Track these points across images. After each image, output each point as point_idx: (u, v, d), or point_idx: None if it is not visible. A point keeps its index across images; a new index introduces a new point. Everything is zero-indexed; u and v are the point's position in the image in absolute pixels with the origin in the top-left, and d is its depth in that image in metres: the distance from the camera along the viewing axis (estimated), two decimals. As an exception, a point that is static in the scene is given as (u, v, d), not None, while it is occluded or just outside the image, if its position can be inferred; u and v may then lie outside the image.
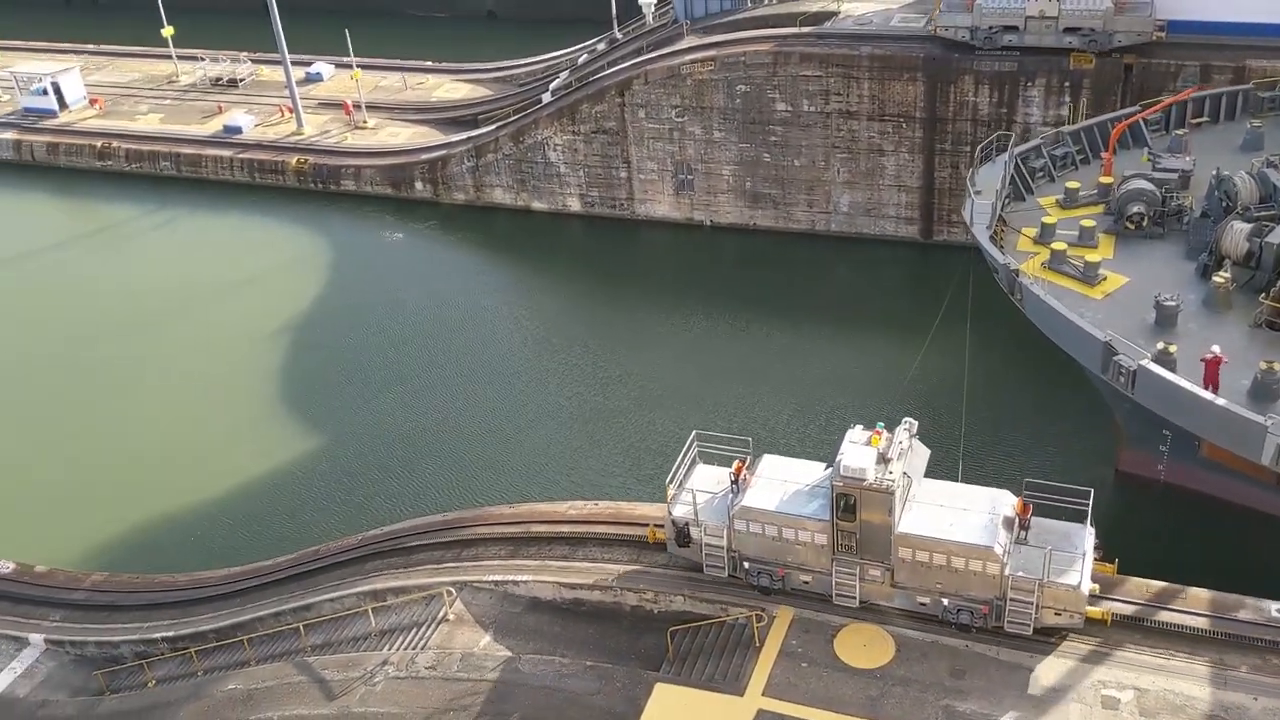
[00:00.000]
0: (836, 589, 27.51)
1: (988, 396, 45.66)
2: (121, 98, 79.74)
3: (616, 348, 52.32)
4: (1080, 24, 52.27)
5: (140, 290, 60.53)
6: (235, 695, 30.27)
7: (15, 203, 72.65)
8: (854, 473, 25.66)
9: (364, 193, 67.93)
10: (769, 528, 27.37)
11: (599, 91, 60.76)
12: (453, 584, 31.32)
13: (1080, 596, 25.45)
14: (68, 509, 44.65)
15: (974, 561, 25.62)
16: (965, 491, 27.22)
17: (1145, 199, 38.78)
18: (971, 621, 26.45)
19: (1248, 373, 31.76)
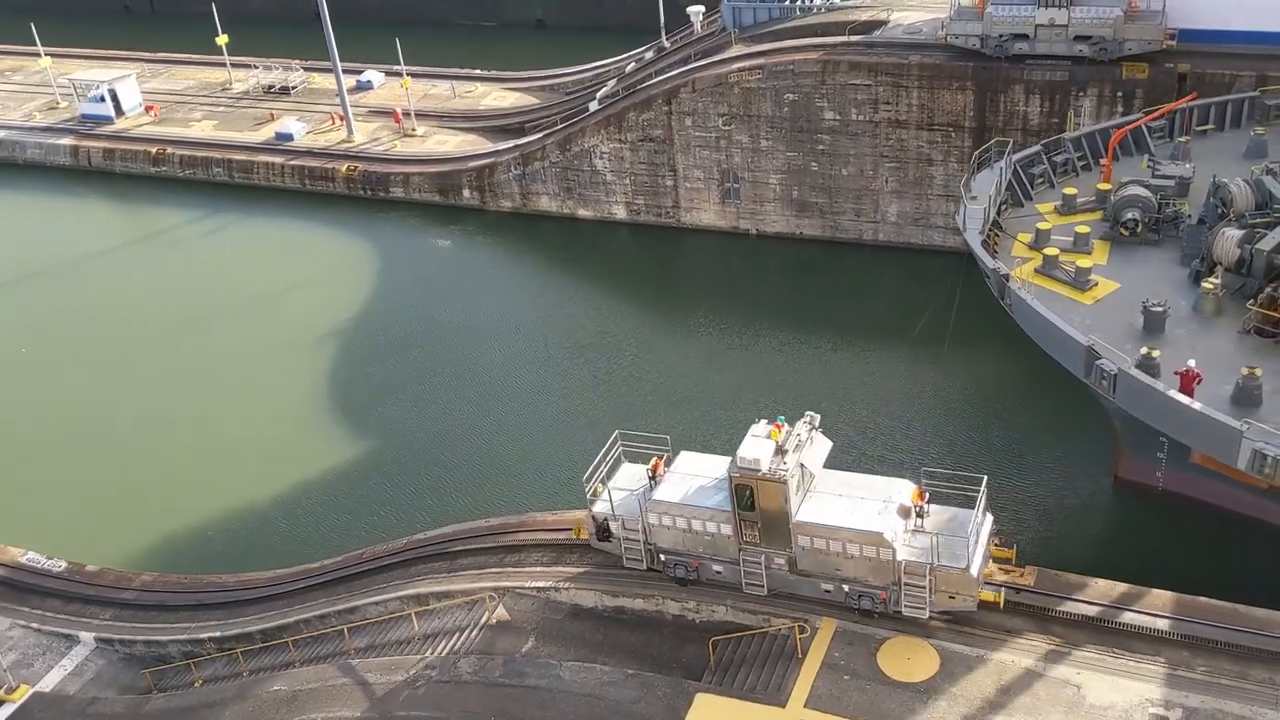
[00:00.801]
0: (745, 578, 28.42)
1: (987, 404, 46.08)
2: (176, 105, 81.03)
3: (663, 356, 52.29)
4: (1090, 32, 51.95)
5: (192, 294, 61.42)
6: (280, 696, 30.53)
7: (72, 207, 73.98)
8: (749, 464, 26.57)
9: (412, 200, 68.49)
10: (679, 520, 28.42)
11: (646, 100, 60.86)
12: (495, 589, 31.42)
13: (970, 579, 26.10)
14: (119, 509, 45.34)
15: (868, 547, 26.54)
16: (865, 481, 28.14)
17: (1140, 205, 38.76)
18: (873, 607, 27.33)
19: (1234, 378, 31.66)
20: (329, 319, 57.43)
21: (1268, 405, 30.80)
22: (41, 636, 37.07)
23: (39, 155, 78.55)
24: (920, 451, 43.09)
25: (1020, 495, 40.79)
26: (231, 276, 62.94)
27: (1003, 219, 41.04)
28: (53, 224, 72.11)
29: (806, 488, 27.43)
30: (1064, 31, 52.23)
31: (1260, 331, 33.43)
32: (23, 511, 45.55)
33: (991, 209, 40.01)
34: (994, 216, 40.26)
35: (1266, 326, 33.41)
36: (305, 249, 65.94)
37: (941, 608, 26.82)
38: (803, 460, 27.13)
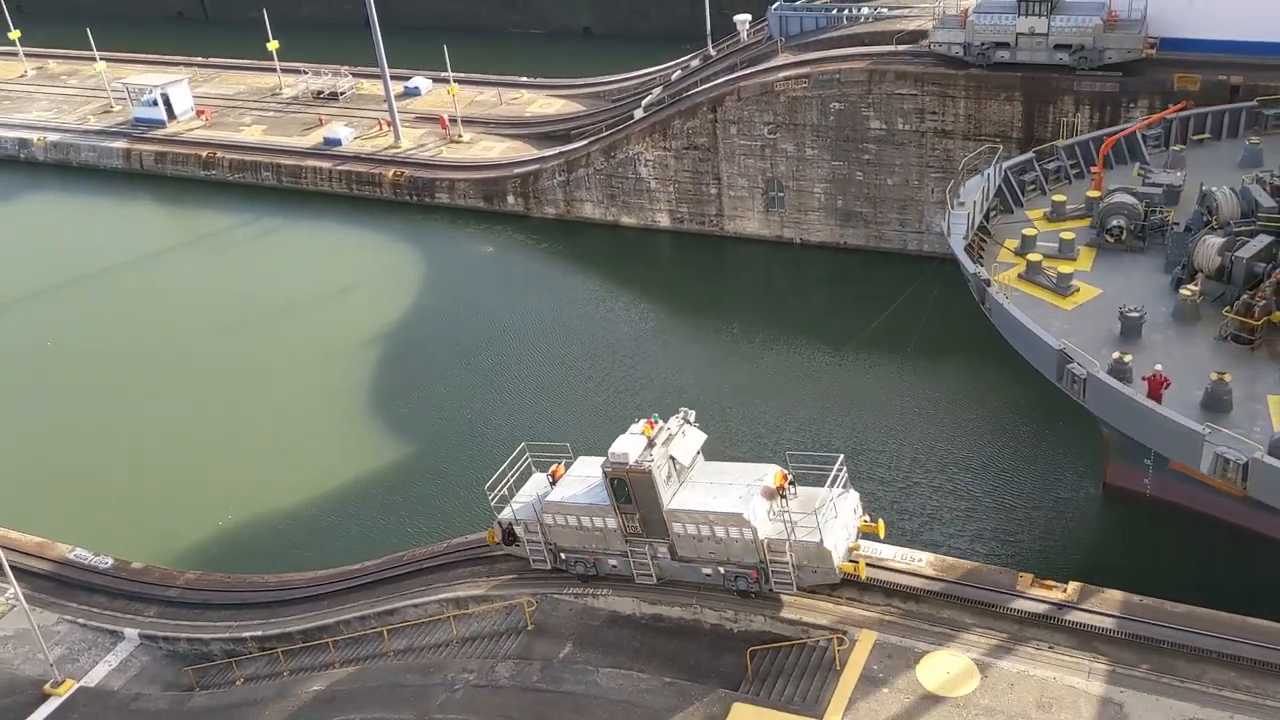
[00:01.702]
0: (635, 569, 30.02)
1: (976, 409, 46.46)
2: (227, 109, 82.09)
3: (703, 364, 52.27)
4: (1070, 40, 52.34)
5: (239, 297, 62.18)
6: (319, 696, 30.77)
7: (124, 209, 75.16)
8: (619, 457, 28.21)
9: (457, 205, 68.91)
10: (571, 518, 30.06)
11: (692, 107, 60.88)
12: (534, 595, 31.48)
13: (825, 551, 27.50)
14: (165, 508, 45.93)
15: (732, 529, 27.97)
16: (737, 469, 29.58)
17: (1126, 212, 39.10)
18: (748, 587, 28.82)
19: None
20: (373, 323, 57.92)
21: (1238, 411, 31.19)
22: (87, 632, 37.61)
23: (93, 158, 79.87)
24: (910, 457, 43.82)
25: (1011, 501, 41.28)
26: (278, 280, 63.66)
27: (992, 225, 41.60)
28: (105, 226, 73.29)
29: (680, 478, 28.94)
30: (1044, 40, 52.69)
31: (1237, 338, 33.81)
32: (72, 509, 46.30)
33: (977, 215, 40.52)
34: (982, 222, 40.88)
35: (1243, 333, 33.70)
36: (351, 253, 66.52)
37: (808, 583, 28.40)
38: (672, 452, 28.62)
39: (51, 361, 57.45)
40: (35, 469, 49.22)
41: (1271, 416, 31.20)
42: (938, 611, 28.26)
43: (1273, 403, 31.70)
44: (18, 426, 52.41)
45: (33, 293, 64.63)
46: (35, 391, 55.04)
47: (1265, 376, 32.73)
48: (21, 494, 47.40)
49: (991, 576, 28.95)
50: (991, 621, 27.74)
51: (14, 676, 35.64)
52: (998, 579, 28.81)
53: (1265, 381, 32.51)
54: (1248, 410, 31.32)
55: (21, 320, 62.06)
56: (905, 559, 29.79)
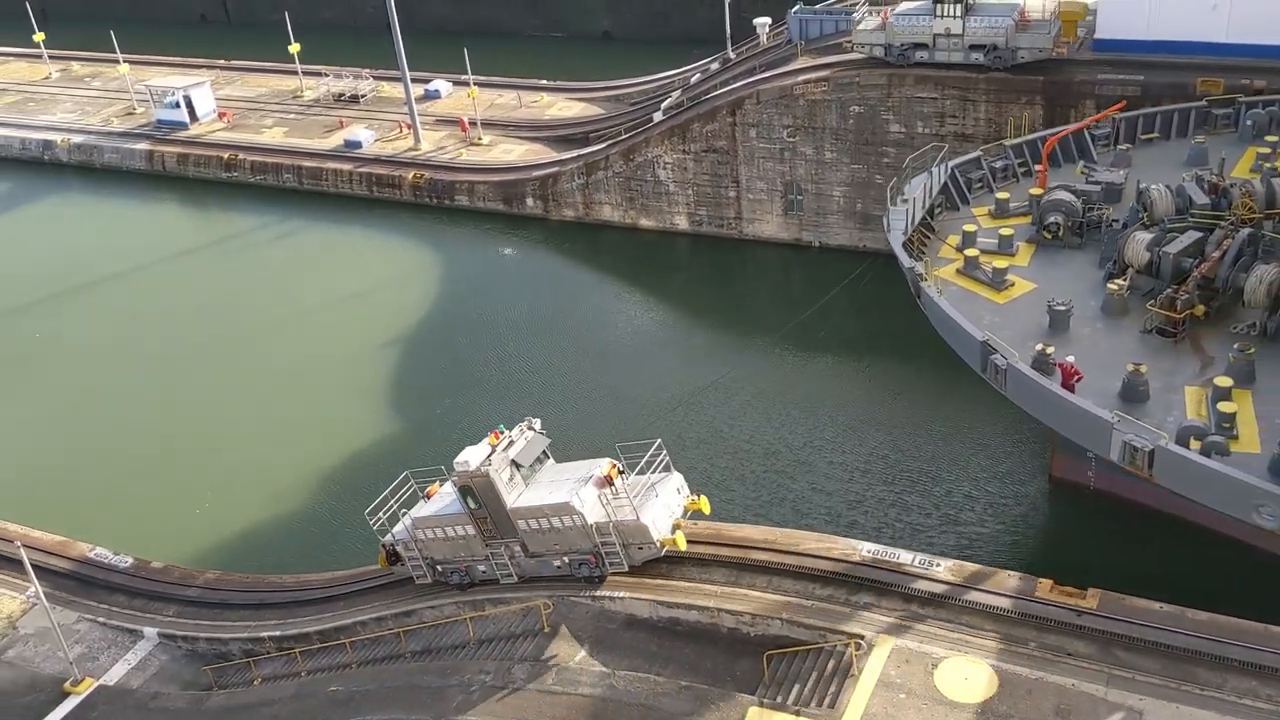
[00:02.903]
0: (498, 570, 32.14)
1: (927, 405, 47.24)
2: (249, 111, 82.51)
3: (723, 367, 52.14)
4: (984, 40, 53.94)
5: (260, 298, 62.52)
6: (336, 697, 30.88)
7: (146, 211, 75.63)
8: (461, 465, 30.48)
9: (476, 208, 69.07)
10: (438, 530, 32.01)
11: (711, 111, 60.87)
12: (550, 597, 31.50)
13: (642, 527, 29.78)
14: (185, 508, 46.18)
15: (565, 518, 30.00)
16: (576, 466, 31.60)
17: (1064, 209, 39.70)
18: (590, 572, 30.84)
19: None
20: (393, 325, 58.13)
21: (1155, 401, 31.72)
22: (107, 631, 37.85)
23: (115, 160, 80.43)
24: (865, 451, 45.08)
25: (959, 493, 42.01)
26: (298, 281, 63.97)
27: (937, 222, 42.49)
28: (127, 227, 73.76)
29: (526, 481, 31.17)
30: (960, 40, 54.28)
31: (1161, 332, 34.37)
32: (93, 508, 46.60)
33: (917, 211, 41.28)
34: (927, 219, 41.77)
35: (1167, 327, 34.20)
36: (371, 255, 66.78)
37: (637, 560, 30.56)
38: (514, 457, 30.86)
39: (74, 361, 57.84)
40: (57, 468, 49.57)
41: (1186, 407, 31.66)
42: (955, 617, 28.16)
43: (1189, 394, 32.17)
44: (40, 425, 52.79)
45: (56, 293, 65.07)
46: (58, 391, 55.44)
47: (1185, 369, 33.29)
48: (44, 493, 47.79)
49: (1010, 582, 28.83)
50: (1009, 627, 27.62)
51: (35, 674, 35.90)
52: (1016, 585, 28.68)
53: (1185, 374, 33.09)
54: (1164, 401, 31.91)
55: (44, 320, 62.50)
56: (923, 564, 29.72)
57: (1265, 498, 27.92)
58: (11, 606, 38.66)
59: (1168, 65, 52.14)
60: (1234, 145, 44.65)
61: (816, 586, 29.81)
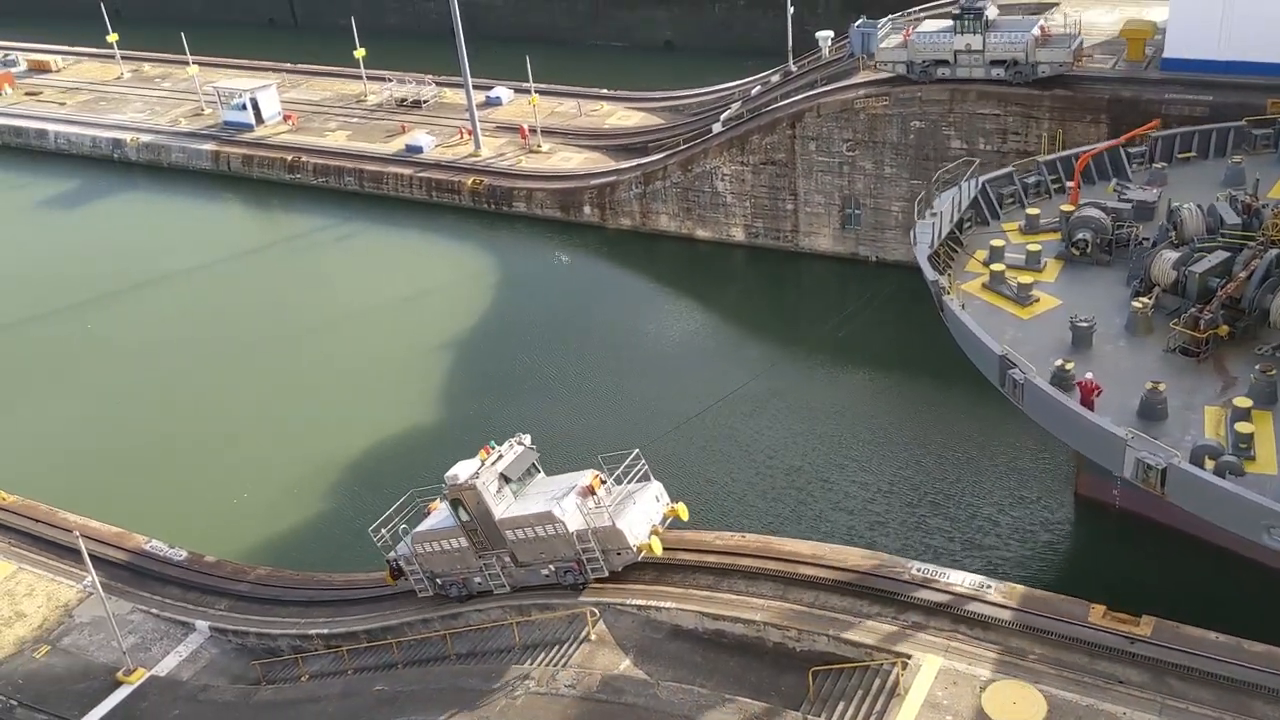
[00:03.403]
0: (490, 580, 33.33)
1: (954, 419, 47.08)
2: (313, 115, 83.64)
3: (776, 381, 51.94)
4: (1004, 55, 53.99)
5: (319, 298, 63.28)
6: (382, 696, 31.12)
7: (210, 210, 76.86)
8: (451, 479, 31.88)
9: (534, 215, 69.44)
10: (435, 544, 33.28)
11: (771, 123, 60.74)
12: (596, 605, 31.53)
13: (619, 533, 30.78)
14: (239, 504, 46.79)
15: (548, 527, 31.17)
16: (563, 478, 32.82)
17: (1093, 226, 39.59)
18: (576, 580, 32.03)
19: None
20: (449, 328, 58.56)
21: (1173, 419, 31.68)
22: (160, 622, 38.45)
23: (183, 159, 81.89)
24: (896, 471, 44.85)
25: (985, 511, 41.66)
26: (357, 283, 64.62)
27: (966, 236, 42.43)
28: (191, 226, 74.96)
29: (516, 494, 32.37)
30: (980, 56, 54.46)
31: (1185, 351, 34.18)
32: (150, 501, 47.38)
33: (944, 225, 41.17)
34: (955, 233, 41.85)
35: (1190, 346, 33.98)
36: (429, 259, 67.38)
37: (617, 565, 31.60)
38: (502, 471, 32.14)
39: (135, 355, 58.89)
40: (118, 460, 50.47)
41: (1205, 426, 31.43)
42: (1005, 640, 27.79)
43: (1209, 413, 31.93)
44: (101, 417, 53.79)
45: (120, 289, 66.31)
46: (118, 384, 56.46)
47: (1207, 388, 33.05)
48: (104, 484, 48.67)
49: (1062, 606, 28.40)
50: (1060, 652, 27.22)
51: (88, 663, 36.56)
52: (1068, 609, 28.26)
53: (1206, 393, 32.85)
54: (1183, 419, 31.82)
55: (112, 315, 63.72)
56: (973, 585, 29.37)
57: (1276, 519, 27.66)
58: (69, 595, 39.45)
59: (1238, 86, 51.21)
60: (1273, 166, 44.15)
61: (864, 603, 29.57)
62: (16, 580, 40.46)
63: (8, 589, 40.02)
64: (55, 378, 57.82)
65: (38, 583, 40.29)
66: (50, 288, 66.99)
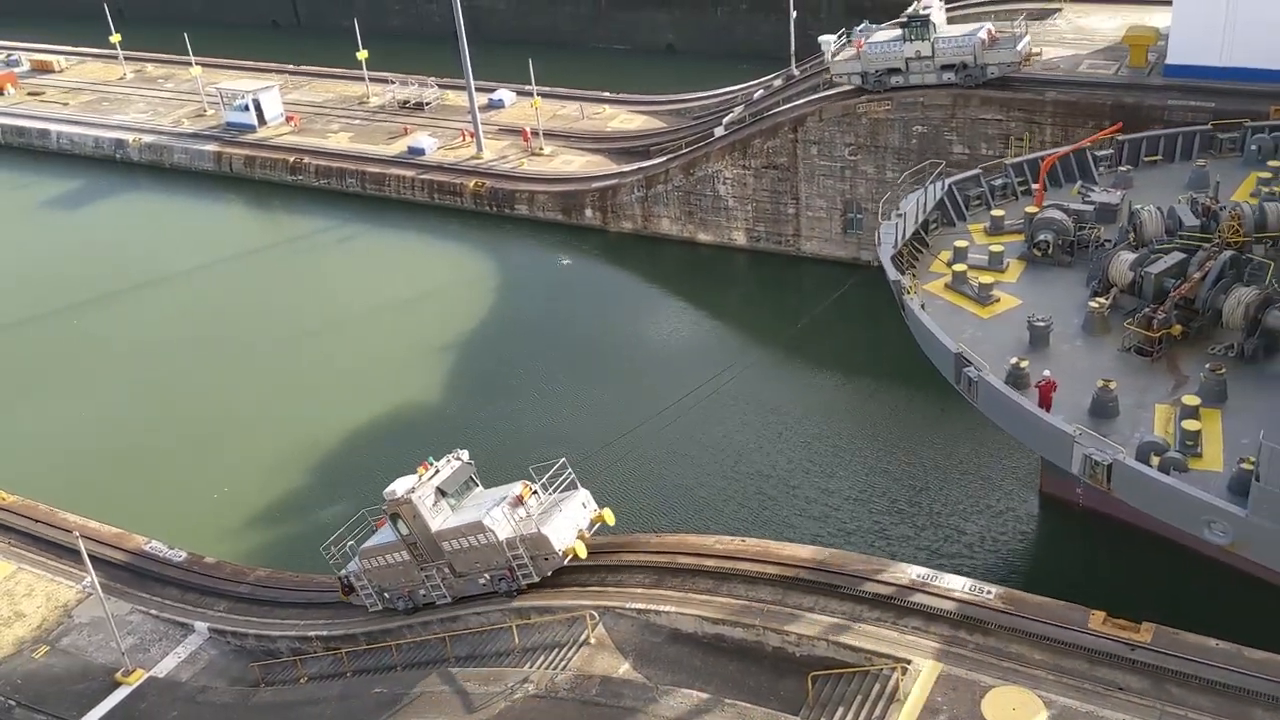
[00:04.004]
0: (433, 592, 34.36)
1: (923, 418, 47.76)
2: (315, 116, 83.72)
3: (774, 386, 51.96)
4: (954, 60, 55.25)
5: (320, 300, 63.31)
6: (381, 699, 31.08)
7: (213, 211, 76.96)
8: (389, 494, 32.90)
9: (536, 217, 69.47)
10: (380, 559, 34.37)
11: (773, 127, 60.77)
12: (596, 608, 31.50)
13: (544, 538, 31.92)
14: (239, 505, 46.77)
15: (479, 536, 32.30)
16: (498, 490, 33.81)
17: (1055, 228, 40.18)
18: (510, 587, 33.04)
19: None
20: (449, 331, 58.57)
21: (1124, 417, 32.18)
22: (159, 623, 38.44)
23: (185, 160, 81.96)
24: (857, 468, 45.86)
25: (952, 510, 42.14)
26: (358, 285, 64.65)
27: (931, 237, 43.14)
28: (192, 226, 75.04)
29: (453, 506, 33.41)
30: (931, 62, 55.54)
31: (1139, 350, 34.72)
32: (150, 502, 47.38)
33: (908, 226, 41.78)
34: (921, 234, 42.54)
35: (1145, 346, 34.54)
36: (431, 261, 67.42)
37: (546, 570, 32.64)
38: (439, 485, 33.19)
39: (140, 356, 58.92)
40: (118, 460, 50.49)
41: (1155, 424, 31.91)
42: (1005, 645, 27.74)
43: (1159, 411, 32.42)
44: (105, 418, 53.80)
45: (124, 289, 66.38)
46: (124, 385, 56.49)
47: (1159, 387, 33.52)
48: (104, 485, 48.68)
49: (1062, 612, 28.33)
50: (1060, 658, 27.15)
51: (87, 663, 36.55)
52: (1069, 615, 28.18)
53: (1158, 392, 33.33)
54: (1134, 417, 32.29)
55: (113, 315, 63.77)
56: (973, 590, 29.32)
57: (1215, 514, 28.36)
58: (68, 595, 39.44)
59: (1240, 92, 51.23)
60: (1237, 170, 44.71)
61: (864, 608, 29.54)
62: (16, 580, 40.47)
63: (7, 589, 40.02)
64: (57, 378, 57.86)
65: (37, 583, 40.30)
66: (52, 288, 67.06)
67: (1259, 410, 31.49)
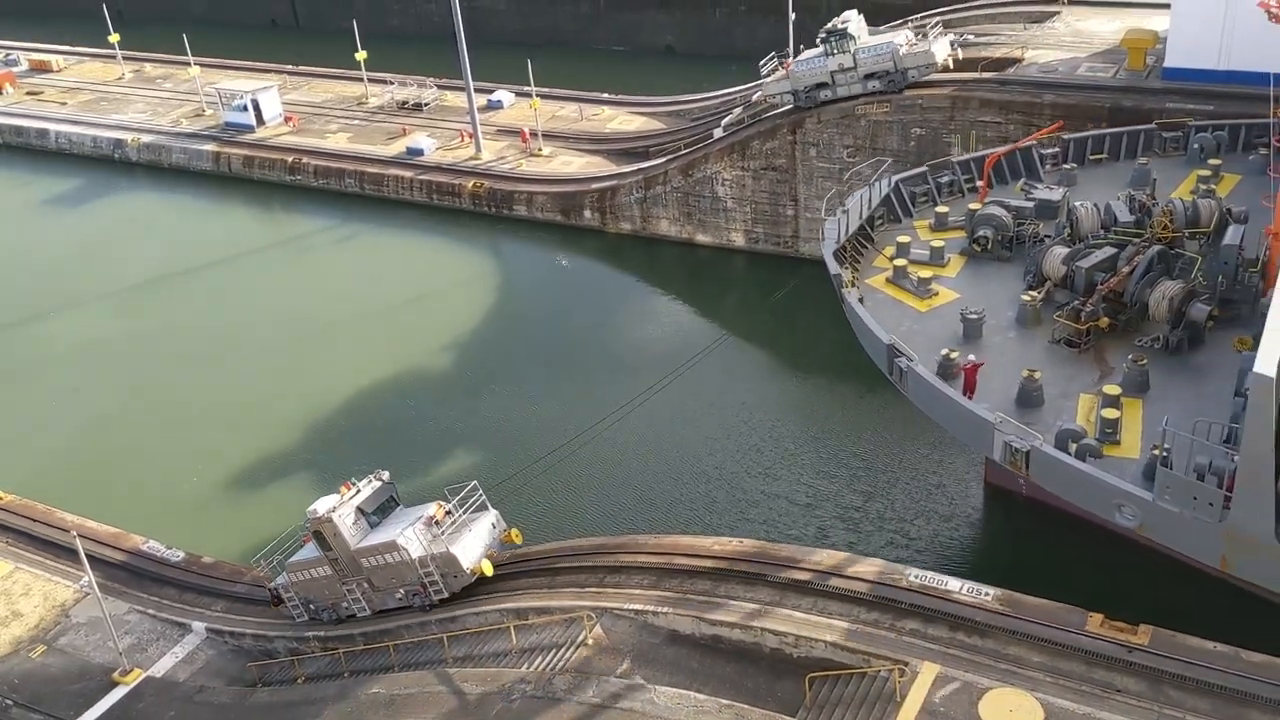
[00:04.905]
0: (354, 604, 35.89)
1: (876, 410, 48.24)
2: (314, 116, 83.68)
3: (773, 388, 52.02)
4: (875, 69, 56.89)
5: (319, 300, 63.24)
6: (378, 699, 31.07)
7: (212, 211, 76.87)
8: (311, 513, 34.50)
9: (534, 218, 69.47)
10: (305, 573, 35.98)
11: (772, 128, 60.79)
12: (594, 609, 31.51)
13: (453, 558, 33.72)
14: (237, 504, 46.77)
15: (394, 554, 33.97)
16: (416, 509, 35.44)
17: (994, 224, 41.09)
18: (423, 602, 34.68)
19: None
20: (447, 330, 58.56)
21: (1049, 406, 33.19)
22: (156, 623, 38.43)
23: (183, 160, 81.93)
24: (804, 457, 46.61)
25: (904, 502, 42.99)
26: (356, 285, 64.63)
27: (877, 233, 44.12)
28: (191, 226, 74.98)
29: (371, 525, 35.07)
30: (854, 73, 57.21)
31: (1069, 342, 35.66)
32: (147, 501, 47.35)
33: (853, 221, 42.74)
34: (868, 230, 43.56)
35: (1073, 338, 35.46)
36: (429, 261, 67.37)
37: (456, 588, 34.38)
38: (359, 504, 34.92)
39: (138, 356, 58.90)
40: (116, 460, 50.46)
41: (1077, 413, 32.75)
42: (1003, 647, 27.78)
43: (1083, 401, 33.27)
44: (103, 418, 53.78)
45: (122, 289, 66.35)
46: (122, 385, 56.45)
47: (1085, 377, 34.36)
48: (102, 484, 48.64)
49: (1060, 614, 28.38)
50: (1058, 660, 27.19)
51: (85, 663, 36.53)
52: (1067, 617, 28.23)
53: (1083, 382, 34.16)
54: (1058, 406, 33.19)
55: (109, 315, 63.72)
56: (971, 591, 29.36)
57: (1125, 498, 29.44)
58: (65, 595, 39.42)
59: (1238, 96, 51.29)
60: (1180, 168, 45.58)
61: (862, 610, 29.56)
62: (13, 580, 40.45)
63: (4, 588, 40.01)
64: (55, 377, 57.81)
65: (34, 582, 40.28)
66: (50, 287, 67.05)
67: (1179, 400, 32.38)
